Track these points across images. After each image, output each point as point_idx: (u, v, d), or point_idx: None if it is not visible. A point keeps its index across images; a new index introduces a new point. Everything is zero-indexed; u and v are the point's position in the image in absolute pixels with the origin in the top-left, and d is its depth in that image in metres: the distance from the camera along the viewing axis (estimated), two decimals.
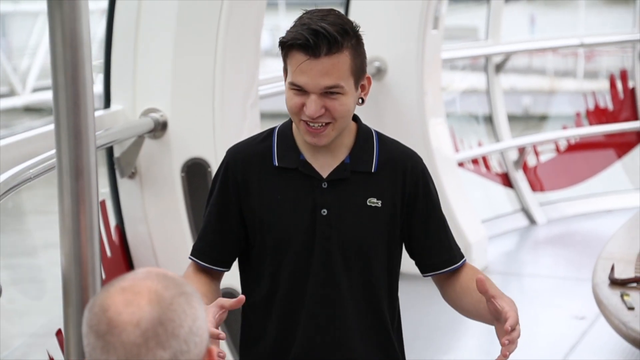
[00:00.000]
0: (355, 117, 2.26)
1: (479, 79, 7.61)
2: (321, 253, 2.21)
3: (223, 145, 2.27)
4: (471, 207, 5.85)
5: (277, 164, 2.23)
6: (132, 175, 3.94)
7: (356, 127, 2.27)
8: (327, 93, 2.11)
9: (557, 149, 7.34)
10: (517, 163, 6.96)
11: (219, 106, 3.88)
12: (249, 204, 2.23)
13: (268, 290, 2.24)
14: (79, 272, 1.77)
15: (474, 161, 6.81)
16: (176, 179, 3.91)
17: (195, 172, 3.90)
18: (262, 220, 2.22)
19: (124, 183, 3.98)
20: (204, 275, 2.28)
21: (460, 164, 6.41)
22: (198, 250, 2.31)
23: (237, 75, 3.96)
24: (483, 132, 7.46)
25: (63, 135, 1.76)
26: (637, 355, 4.25)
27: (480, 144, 7.00)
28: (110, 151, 3.92)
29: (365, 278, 2.24)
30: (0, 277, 2.58)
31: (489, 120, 7.10)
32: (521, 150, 6.96)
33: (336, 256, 2.21)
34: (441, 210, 2.32)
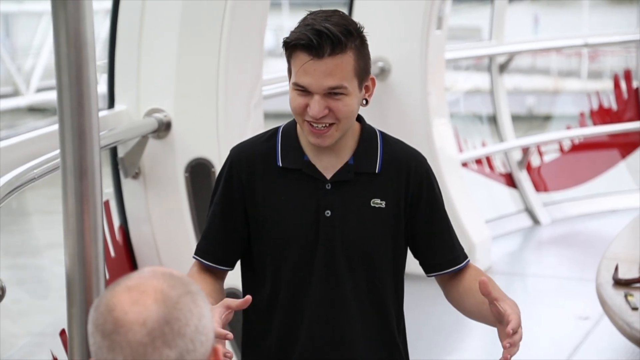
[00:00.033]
0: (359, 118, 2.26)
1: (483, 79, 7.60)
2: (324, 254, 2.21)
3: (227, 145, 2.27)
4: (475, 208, 5.85)
5: (281, 164, 2.23)
6: (136, 175, 3.94)
7: (360, 128, 2.26)
8: (331, 94, 2.11)
9: (561, 149, 7.33)
10: (521, 163, 6.95)
11: (223, 106, 3.88)
12: (253, 203, 2.23)
13: (270, 290, 2.24)
14: (83, 273, 1.77)
15: (478, 161, 6.81)
16: (180, 179, 3.91)
17: (199, 172, 3.90)
18: (265, 220, 2.22)
19: (128, 183, 3.99)
20: (208, 274, 2.28)
21: (464, 164, 6.40)
22: (202, 249, 2.30)
23: (241, 75, 3.96)
24: (487, 132, 7.46)
25: (67, 135, 1.76)
26: None
27: (484, 144, 7.00)
28: (114, 151, 3.92)
29: (369, 279, 2.24)
30: (3, 277, 2.57)
31: (493, 120, 7.09)
32: (525, 150, 6.95)
33: (340, 257, 2.21)
34: (445, 210, 2.31)
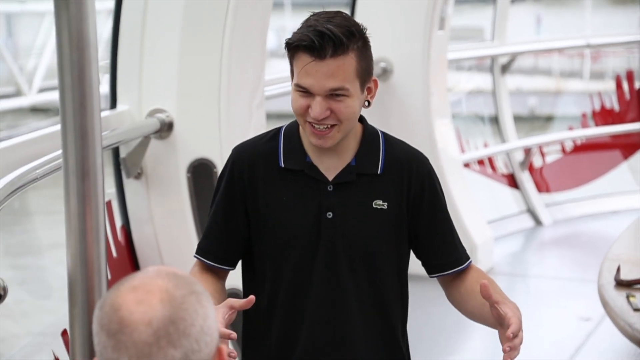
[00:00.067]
0: (361, 119, 2.25)
1: (485, 80, 7.60)
2: (325, 255, 2.20)
3: (229, 145, 2.27)
4: (477, 208, 5.85)
5: (283, 165, 2.23)
6: (138, 175, 3.94)
7: (362, 129, 2.26)
8: (333, 95, 2.10)
9: (563, 150, 7.32)
10: (523, 164, 6.94)
11: (225, 107, 3.88)
12: (254, 204, 2.23)
13: (271, 290, 2.24)
14: (85, 273, 1.77)
15: (480, 162, 6.81)
16: (182, 180, 3.91)
17: (201, 173, 3.90)
18: (267, 220, 2.22)
19: (130, 183, 3.99)
20: (210, 274, 2.28)
21: (466, 165, 6.40)
22: (203, 248, 2.30)
23: (243, 75, 3.96)
24: (489, 133, 7.45)
25: (69, 135, 1.76)
26: None
27: (486, 145, 6.99)
28: (116, 152, 3.92)
29: (371, 280, 2.24)
30: (5, 277, 2.57)
31: (495, 121, 7.09)
32: (527, 151, 6.95)
33: (341, 258, 2.21)
34: (447, 211, 2.31)
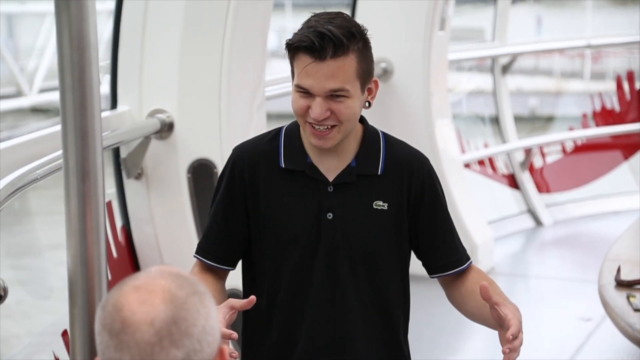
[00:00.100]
0: (361, 119, 2.25)
1: (486, 80, 7.60)
2: (325, 255, 2.20)
3: (229, 146, 2.27)
4: (477, 209, 5.85)
5: (284, 166, 2.23)
6: (139, 176, 3.94)
7: (362, 129, 2.26)
8: (333, 96, 2.10)
9: (564, 150, 7.32)
10: (524, 164, 6.94)
11: (225, 107, 3.88)
12: (255, 203, 2.23)
13: (270, 290, 2.24)
14: (85, 273, 1.77)
15: (480, 162, 6.81)
16: (182, 180, 3.91)
17: (201, 173, 3.90)
18: (267, 220, 2.22)
19: (131, 184, 3.99)
20: (210, 274, 2.28)
21: (466, 165, 6.40)
22: (203, 248, 2.30)
23: (244, 76, 3.97)
24: (489, 133, 7.45)
25: (70, 136, 1.76)
26: None
27: (486, 145, 6.99)
28: (116, 152, 3.93)
29: (372, 280, 2.24)
30: (5, 278, 2.58)
31: (496, 121, 7.09)
32: (527, 151, 6.95)
33: (341, 259, 2.21)
34: (448, 211, 2.31)
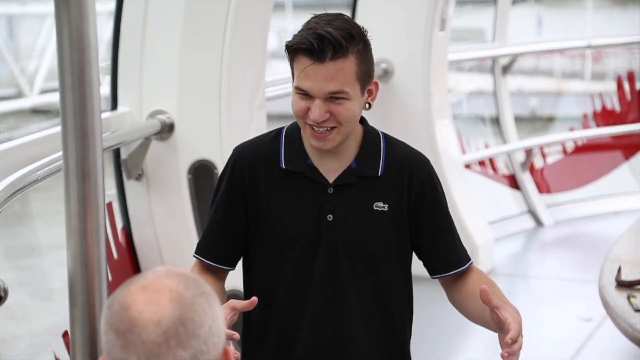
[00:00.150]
0: (362, 120, 2.25)
1: (486, 81, 7.60)
2: (325, 256, 2.20)
3: (229, 147, 2.28)
4: (478, 209, 5.85)
5: (284, 167, 2.23)
6: (139, 177, 3.94)
7: (363, 131, 2.25)
8: (332, 98, 2.10)
9: (564, 151, 7.32)
10: (524, 165, 6.94)
11: (226, 108, 3.88)
12: (255, 204, 2.23)
13: (270, 291, 2.24)
14: (85, 274, 1.77)
15: (481, 163, 6.80)
16: (183, 181, 3.91)
17: (201, 174, 3.90)
18: (267, 220, 2.22)
19: (131, 185, 3.99)
20: (210, 274, 2.27)
21: (467, 166, 6.40)
22: (203, 248, 2.30)
23: (244, 77, 3.97)
24: (490, 134, 7.45)
25: (70, 137, 1.76)
26: None
27: (487, 146, 6.99)
28: (117, 153, 3.93)
29: (373, 281, 2.23)
30: (5, 279, 2.57)
31: (496, 121, 7.09)
32: (528, 151, 6.95)
33: (341, 260, 2.21)
34: (448, 212, 2.31)
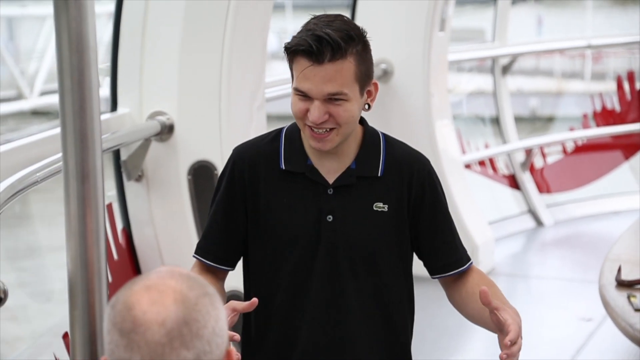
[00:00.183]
0: (362, 120, 2.25)
1: (486, 81, 7.60)
2: (325, 257, 2.20)
3: (229, 147, 2.28)
4: (478, 209, 5.84)
5: (284, 167, 2.23)
6: (139, 178, 3.94)
7: (362, 131, 2.25)
8: (331, 99, 2.10)
9: (564, 151, 7.32)
10: (524, 165, 6.94)
11: (226, 109, 3.88)
12: (255, 204, 2.23)
13: (270, 291, 2.24)
14: (85, 275, 1.77)
15: (481, 163, 6.80)
16: (183, 182, 3.92)
17: (201, 175, 3.90)
18: (267, 221, 2.22)
19: (131, 186, 3.99)
20: (209, 275, 2.27)
21: (467, 166, 6.40)
22: (203, 248, 2.30)
23: (244, 77, 3.97)
24: (490, 134, 7.46)
25: (69, 138, 1.77)
26: None
27: (487, 146, 6.98)
28: (117, 154, 3.93)
29: (373, 282, 2.24)
30: (6, 280, 2.58)
31: (496, 122, 7.09)
32: (528, 151, 6.94)
33: (342, 260, 2.21)
34: (449, 212, 2.31)
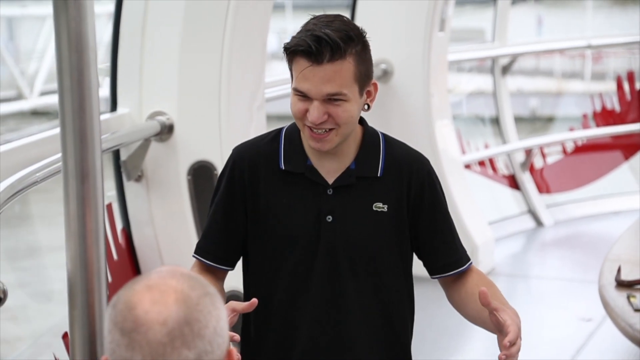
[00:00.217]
0: (361, 121, 2.25)
1: (486, 81, 7.60)
2: (325, 257, 2.20)
3: (229, 147, 2.28)
4: (478, 209, 5.85)
5: (284, 168, 2.23)
6: (139, 178, 3.94)
7: (362, 131, 2.25)
8: (330, 99, 2.10)
9: (564, 151, 7.32)
10: (524, 165, 6.94)
11: (225, 109, 3.88)
12: (255, 204, 2.23)
13: (270, 292, 2.24)
14: (85, 275, 1.77)
15: (481, 163, 6.81)
16: (182, 182, 3.92)
17: (201, 175, 3.90)
18: (267, 221, 2.22)
19: (131, 186, 3.99)
20: (209, 275, 2.27)
21: (466, 166, 6.40)
22: (202, 248, 2.30)
23: (244, 78, 3.97)
24: (490, 134, 7.46)
25: (68, 138, 1.76)
26: None
27: (486, 146, 6.99)
28: (117, 154, 3.93)
29: (373, 282, 2.24)
30: (5, 280, 2.58)
31: (496, 122, 7.09)
32: (528, 152, 6.95)
33: (341, 261, 2.21)
34: (448, 212, 2.31)
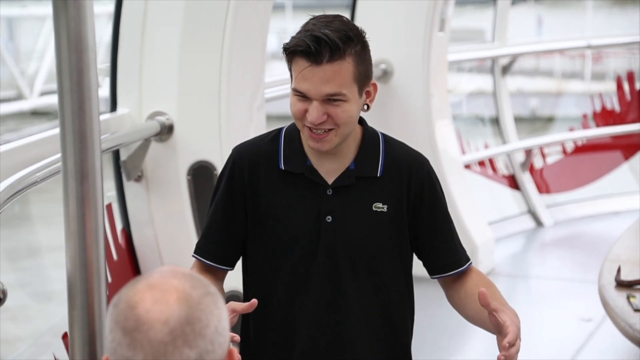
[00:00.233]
0: (361, 121, 2.25)
1: (486, 81, 7.60)
2: (325, 257, 2.20)
3: (229, 148, 2.28)
4: (478, 209, 5.85)
5: (283, 168, 2.23)
6: (139, 178, 3.94)
7: (362, 131, 2.25)
8: (330, 100, 2.10)
9: (564, 151, 7.32)
10: (524, 165, 6.94)
11: (225, 109, 3.89)
12: (254, 204, 2.23)
13: (269, 292, 2.24)
14: (84, 275, 1.77)
15: (481, 163, 6.81)
16: (182, 182, 3.92)
17: (201, 175, 3.90)
18: (266, 221, 2.22)
19: (131, 186, 3.99)
20: (209, 275, 2.27)
21: (466, 166, 6.40)
22: (202, 248, 2.30)
23: (243, 78, 3.97)
24: (490, 134, 7.46)
25: (68, 138, 1.77)
26: None
27: (486, 146, 6.99)
28: (116, 154, 3.93)
29: (373, 282, 2.24)
30: (4, 281, 2.58)
31: (496, 122, 7.09)
32: (528, 152, 6.95)
33: (341, 261, 2.21)
34: (448, 212, 2.31)
